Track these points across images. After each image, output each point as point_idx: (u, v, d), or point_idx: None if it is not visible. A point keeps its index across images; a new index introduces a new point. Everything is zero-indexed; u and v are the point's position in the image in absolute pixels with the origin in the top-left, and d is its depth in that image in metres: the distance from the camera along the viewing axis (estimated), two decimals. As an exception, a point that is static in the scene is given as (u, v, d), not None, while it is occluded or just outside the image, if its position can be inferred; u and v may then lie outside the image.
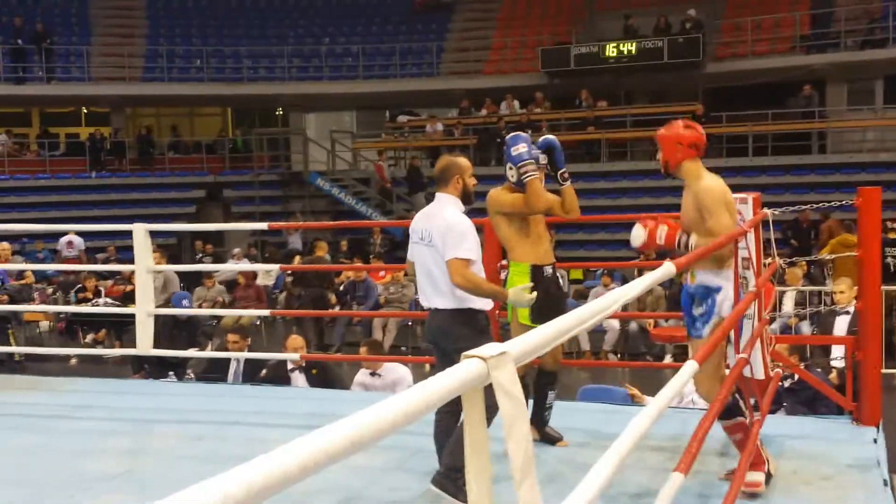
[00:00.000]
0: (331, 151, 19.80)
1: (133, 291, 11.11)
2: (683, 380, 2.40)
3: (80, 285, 12.31)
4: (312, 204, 19.14)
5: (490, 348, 1.35)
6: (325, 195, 19.02)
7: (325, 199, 19.14)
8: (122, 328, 11.07)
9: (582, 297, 10.61)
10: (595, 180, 17.40)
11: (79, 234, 15.07)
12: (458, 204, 3.67)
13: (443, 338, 3.64)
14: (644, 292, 2.41)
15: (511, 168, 4.21)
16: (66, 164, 19.96)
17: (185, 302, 9.61)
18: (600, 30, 20.10)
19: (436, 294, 3.63)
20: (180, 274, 11.82)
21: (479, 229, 3.97)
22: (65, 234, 15.03)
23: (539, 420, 4.29)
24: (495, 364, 1.33)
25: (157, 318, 5.88)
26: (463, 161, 3.71)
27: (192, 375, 6.94)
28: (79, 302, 11.79)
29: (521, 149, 4.17)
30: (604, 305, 1.90)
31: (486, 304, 3.66)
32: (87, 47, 20.90)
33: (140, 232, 5.64)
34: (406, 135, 20.02)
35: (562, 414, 4.49)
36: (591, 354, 10.17)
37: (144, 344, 5.72)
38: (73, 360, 10.62)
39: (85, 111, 23.06)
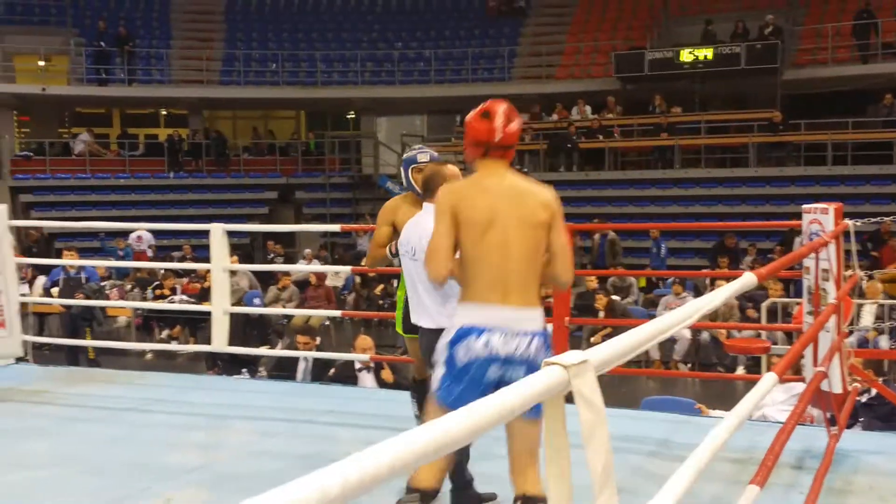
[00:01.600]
0: (401, 155, 19.95)
1: (208, 289, 11.43)
2: (762, 392, 2.37)
3: (157, 282, 12.64)
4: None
5: (571, 356, 1.36)
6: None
7: (395, 203, 19.27)
8: (196, 325, 11.35)
9: (652, 305, 10.48)
10: (667, 187, 17.17)
11: (151, 230, 15.47)
12: None
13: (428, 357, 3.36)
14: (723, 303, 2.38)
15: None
16: (145, 165, 20.53)
17: (256, 301, 9.79)
18: (675, 35, 19.83)
19: (421, 312, 3.41)
20: (258, 274, 12.07)
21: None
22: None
23: None
24: (576, 372, 1.33)
25: (231, 315, 6.02)
26: (449, 169, 3.49)
27: (265, 373, 7.08)
28: (155, 298, 12.11)
29: None
30: (684, 315, 1.89)
31: None
32: (168, 50, 21.49)
33: (217, 231, 5.77)
34: (476, 139, 20.03)
35: (628, 423, 4.45)
36: (660, 364, 10.04)
37: (220, 341, 5.86)
38: (149, 356, 10.91)
39: (164, 113, 23.67)
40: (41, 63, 21.37)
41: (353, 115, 23.55)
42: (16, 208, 17.33)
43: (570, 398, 1.43)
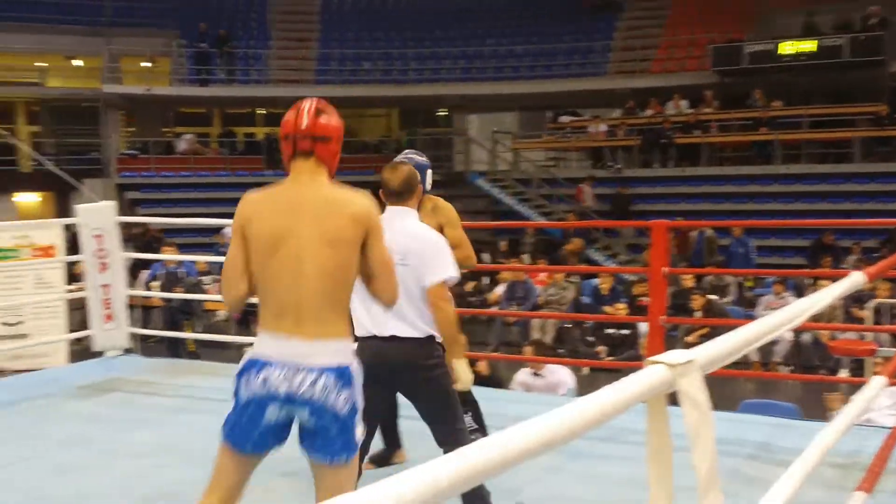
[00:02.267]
0: (492, 152, 19.95)
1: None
2: (871, 395, 2.28)
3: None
4: (473, 204, 19.34)
5: (677, 355, 1.34)
6: (486, 195, 19.18)
7: (486, 199, 19.30)
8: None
9: (751, 305, 10.21)
10: (767, 183, 16.68)
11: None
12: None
13: (405, 369, 3.24)
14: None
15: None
16: (244, 163, 21.11)
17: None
18: (774, 27, 19.23)
19: (397, 320, 3.16)
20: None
21: (643, 233, 3.85)
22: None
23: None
24: (682, 371, 1.31)
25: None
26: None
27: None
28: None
29: None
30: (792, 315, 1.83)
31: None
32: (265, 51, 22.03)
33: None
34: (568, 135, 19.89)
35: (726, 426, 4.34)
36: (759, 365, 9.77)
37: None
38: (247, 349, 11.21)
39: (262, 112, 24.27)
40: (146, 64, 22.21)
41: (445, 113, 23.68)
42: (122, 205, 18.04)
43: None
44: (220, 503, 2.55)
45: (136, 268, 12.88)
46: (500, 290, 11.94)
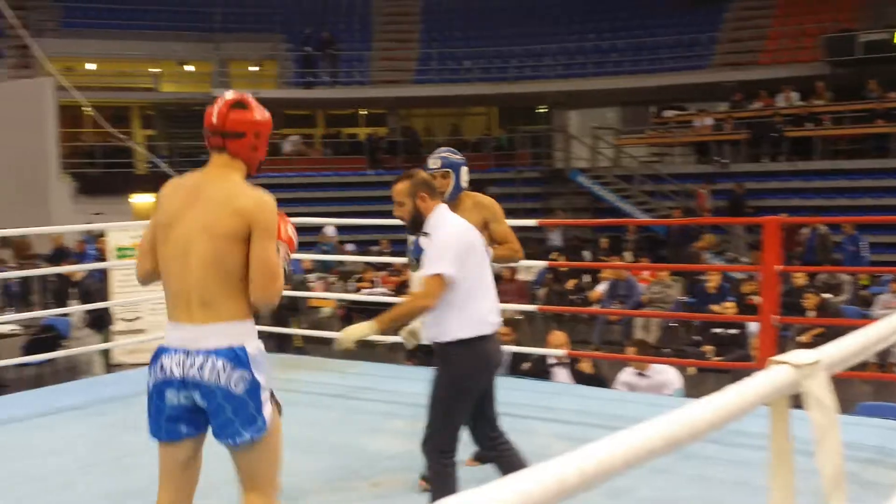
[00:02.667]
0: (593, 148, 19.72)
1: (405, 282, 11.80)
2: None
3: (358, 275, 13.20)
4: (573, 201, 19.17)
5: (801, 355, 1.29)
6: (586, 192, 18.97)
7: (586, 197, 19.09)
8: (394, 317, 11.74)
9: (866, 304, 9.78)
10: (883, 177, 15.95)
11: (347, 225, 16.12)
12: None
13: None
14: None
15: None
16: (346, 162, 21.50)
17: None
18: (888, 15, 18.35)
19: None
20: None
21: (753, 230, 3.73)
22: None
23: None
24: (808, 372, 1.27)
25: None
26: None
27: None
28: (357, 290, 12.65)
29: None
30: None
31: (465, 332, 3.19)
32: (368, 52, 22.37)
33: (418, 226, 5.95)
34: (672, 130, 19.48)
35: (843, 429, 4.17)
36: (876, 367, 9.34)
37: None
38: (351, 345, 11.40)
39: (364, 112, 24.65)
40: (253, 68, 22.88)
41: (545, 110, 23.53)
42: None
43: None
44: (169, 501, 2.59)
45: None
46: (601, 288, 11.79)
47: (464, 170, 4.04)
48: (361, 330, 3.27)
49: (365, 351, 10.87)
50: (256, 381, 2.43)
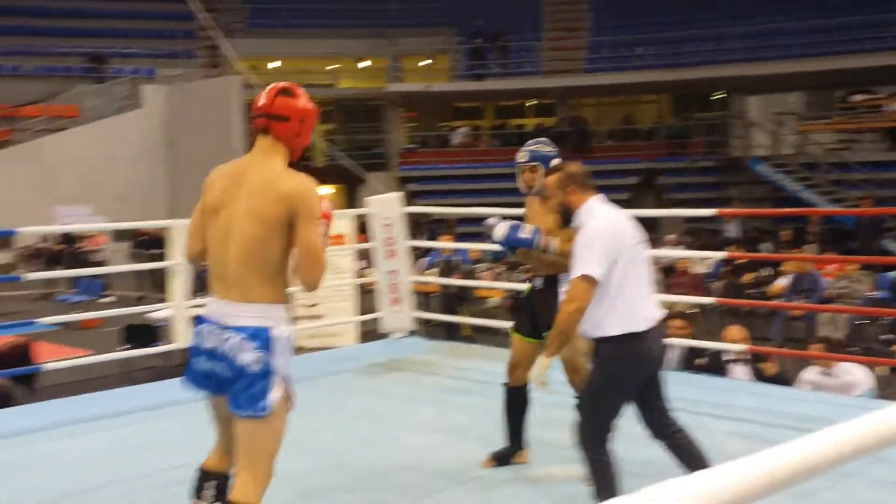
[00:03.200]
0: (774, 135, 18.79)
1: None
2: None
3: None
4: (751, 190, 18.36)
5: None
6: (766, 181, 18.11)
7: (765, 186, 18.23)
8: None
9: None
10: None
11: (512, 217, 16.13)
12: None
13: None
14: None
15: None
16: (514, 153, 21.45)
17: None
18: None
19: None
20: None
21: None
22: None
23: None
24: None
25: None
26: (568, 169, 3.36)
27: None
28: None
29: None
30: None
31: (615, 329, 3.11)
32: (537, 42, 22.30)
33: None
34: (861, 115, 18.26)
35: None
36: None
37: (589, 324, 5.98)
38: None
39: (532, 103, 24.61)
40: (426, 63, 23.35)
41: (722, 96, 22.64)
42: (403, 196, 19.11)
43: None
44: (219, 448, 2.80)
45: (415, 256, 13.59)
46: (782, 282, 11.23)
47: (554, 162, 3.94)
48: (543, 365, 3.29)
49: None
50: (270, 365, 2.56)
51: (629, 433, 3.36)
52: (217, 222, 2.65)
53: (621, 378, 3.16)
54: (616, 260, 3.08)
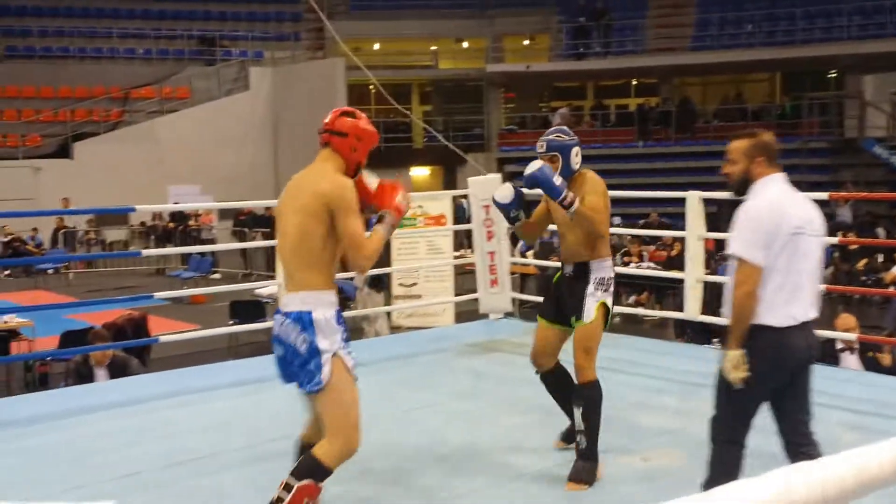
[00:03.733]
0: (893, 116, 17.92)
1: (674, 257, 11.48)
2: None
3: (625, 249, 13.03)
4: (865, 173, 17.58)
5: None
6: (883, 163, 17.31)
7: (881, 169, 17.43)
8: (662, 292, 11.48)
9: None
10: None
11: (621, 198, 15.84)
12: None
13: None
14: None
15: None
16: (615, 134, 21.21)
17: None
18: None
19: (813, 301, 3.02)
20: (719, 243, 11.80)
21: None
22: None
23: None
24: None
25: (705, 284, 5.98)
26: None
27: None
28: (624, 265, 12.50)
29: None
30: None
31: (756, 319, 2.92)
32: (642, 20, 21.83)
33: (694, 199, 5.77)
34: None
35: None
36: None
37: (692, 309, 5.86)
38: (617, 319, 11.31)
39: (634, 82, 24.15)
40: (526, 42, 23.17)
41: (836, 74, 21.71)
42: (502, 178, 19.08)
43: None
44: (310, 423, 3.09)
45: (512, 238, 13.57)
46: (898, 269, 10.76)
47: (574, 151, 3.83)
48: (732, 359, 2.97)
49: (632, 325, 10.77)
50: (316, 345, 2.86)
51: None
52: (278, 224, 3.05)
53: (759, 374, 2.92)
54: (769, 245, 2.89)
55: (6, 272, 17.06)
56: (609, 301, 3.84)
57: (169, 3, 24.00)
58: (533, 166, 3.68)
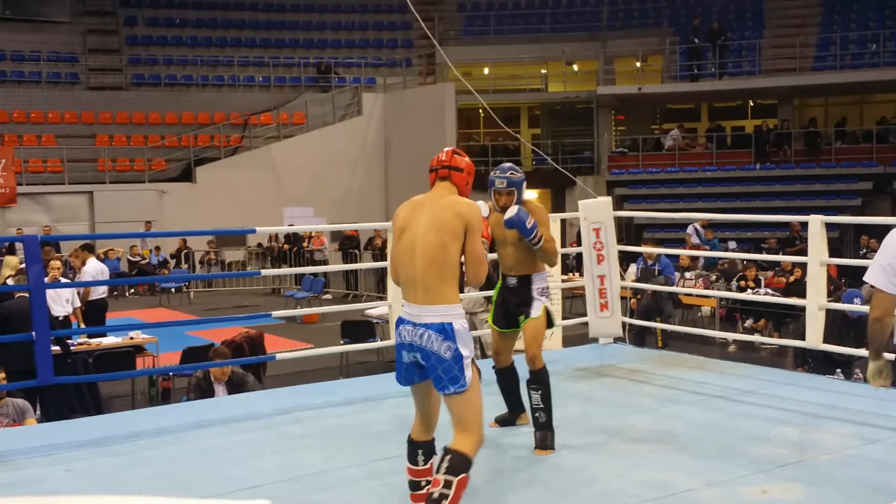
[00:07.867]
0: None
1: (793, 283, 11.04)
2: None
3: (740, 274, 12.64)
4: None
5: None
6: None
7: None
8: (780, 319, 11.07)
9: None
10: None
11: (736, 222, 15.41)
12: None
13: None
14: None
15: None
16: (731, 157, 20.66)
17: (856, 300, 9.15)
18: None
19: None
20: (842, 269, 11.31)
21: None
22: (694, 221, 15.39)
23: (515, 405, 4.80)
24: None
25: (827, 312, 5.75)
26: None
27: (861, 377, 6.60)
28: (739, 290, 12.12)
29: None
30: None
31: None
32: (759, 41, 21.27)
33: (816, 223, 5.56)
34: None
35: None
36: None
37: (813, 337, 5.64)
38: (732, 346, 10.97)
39: (751, 104, 23.51)
40: (638, 64, 22.89)
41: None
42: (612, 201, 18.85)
43: None
44: (420, 423, 3.40)
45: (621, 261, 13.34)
46: None
47: (524, 185, 4.53)
48: (875, 370, 3.18)
49: (749, 353, 10.41)
50: (459, 351, 3.17)
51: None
52: (404, 241, 3.32)
53: None
54: (889, 270, 2.98)
55: (131, 290, 17.91)
56: (549, 306, 4.55)
57: (287, 32, 24.85)
58: (511, 212, 4.34)
